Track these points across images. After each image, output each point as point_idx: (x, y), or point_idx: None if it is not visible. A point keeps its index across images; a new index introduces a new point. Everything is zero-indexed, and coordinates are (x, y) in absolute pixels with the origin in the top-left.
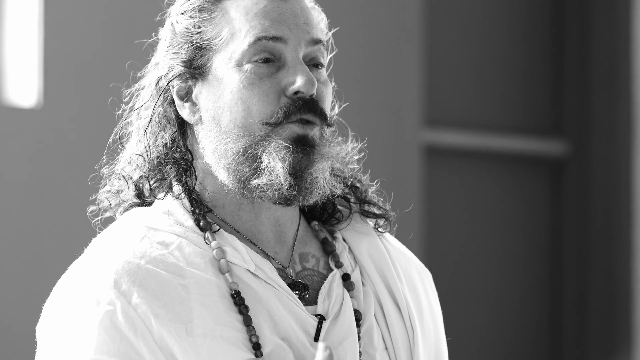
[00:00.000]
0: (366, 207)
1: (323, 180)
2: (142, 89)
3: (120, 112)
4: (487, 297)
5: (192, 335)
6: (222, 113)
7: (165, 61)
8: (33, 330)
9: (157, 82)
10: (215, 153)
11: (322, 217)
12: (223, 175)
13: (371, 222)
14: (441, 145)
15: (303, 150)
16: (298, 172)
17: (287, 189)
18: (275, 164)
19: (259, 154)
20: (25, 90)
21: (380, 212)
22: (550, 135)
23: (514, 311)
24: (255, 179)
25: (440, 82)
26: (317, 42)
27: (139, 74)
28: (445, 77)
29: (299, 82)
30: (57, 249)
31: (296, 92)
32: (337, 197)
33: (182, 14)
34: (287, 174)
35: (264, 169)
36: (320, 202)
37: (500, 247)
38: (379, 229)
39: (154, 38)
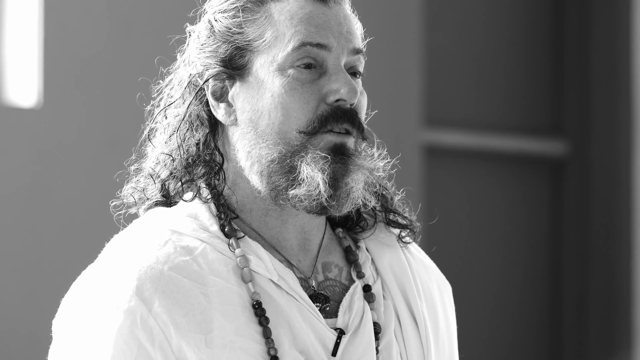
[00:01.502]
0: (391, 217)
1: (358, 191)
2: (170, 85)
3: (149, 108)
4: (487, 297)
5: (211, 346)
6: (260, 116)
7: (200, 59)
8: (33, 330)
9: (189, 81)
10: (250, 157)
11: (347, 224)
12: (256, 180)
13: (396, 231)
14: (441, 145)
15: (341, 159)
16: (336, 182)
17: (326, 199)
18: (314, 175)
19: (297, 165)
20: (25, 90)
21: (405, 223)
22: (550, 135)
23: (514, 311)
24: (292, 189)
25: (440, 82)
26: (358, 51)
27: (165, 70)
28: (445, 77)
29: (342, 90)
30: (57, 248)
31: (337, 100)
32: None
33: (223, 12)
34: (327, 185)
35: (303, 179)
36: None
37: (500, 247)
38: (403, 240)
39: (179, 40)
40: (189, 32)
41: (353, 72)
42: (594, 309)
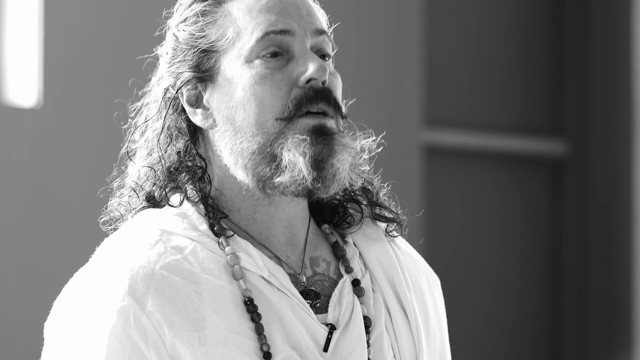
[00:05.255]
0: (377, 211)
1: (344, 172)
2: (146, 105)
3: (126, 126)
4: (487, 297)
5: (204, 344)
6: (235, 112)
7: (170, 72)
8: (33, 330)
9: (165, 94)
10: (232, 153)
11: (333, 220)
12: (242, 175)
13: (382, 226)
14: (441, 145)
15: (323, 140)
16: (320, 163)
17: (311, 182)
18: (296, 160)
19: (277, 152)
20: (25, 90)
21: (392, 216)
22: (550, 135)
23: (513, 311)
24: (277, 177)
25: (440, 82)
26: (322, 32)
27: (140, 92)
28: (445, 77)
29: (310, 69)
30: (57, 248)
31: (308, 81)
32: (349, 200)
33: (184, 21)
34: (310, 167)
35: (286, 166)
36: (331, 204)
37: (500, 247)
38: (390, 234)
39: (156, 51)
40: (160, 55)
41: (321, 55)
42: (594, 309)
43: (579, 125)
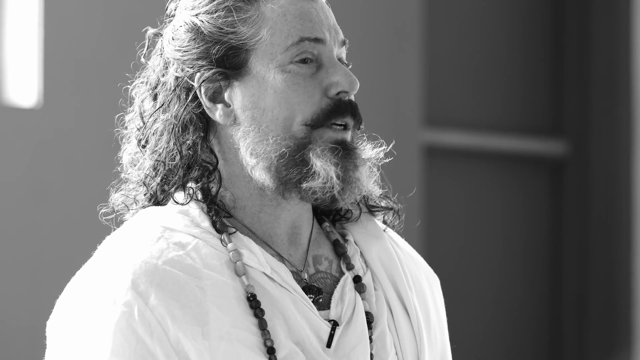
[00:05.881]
0: (370, 202)
1: (365, 185)
2: (137, 86)
3: (129, 109)
4: (487, 297)
5: (208, 338)
6: (262, 113)
7: (186, 62)
8: (33, 330)
9: (177, 85)
10: (254, 154)
11: (331, 215)
12: (262, 176)
13: (380, 223)
14: (441, 145)
15: (347, 154)
16: (347, 175)
17: (338, 192)
18: (328, 168)
19: (307, 157)
20: (25, 90)
21: (386, 204)
22: (550, 135)
23: (514, 311)
24: (306, 182)
25: (440, 82)
26: (344, 43)
27: (135, 77)
28: (445, 77)
29: (344, 82)
30: (57, 248)
31: (339, 93)
32: None
33: (210, 13)
34: (339, 177)
35: (315, 172)
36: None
37: (500, 247)
38: (388, 223)
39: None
40: (149, 36)
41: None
42: (594, 309)
43: (579, 125)
